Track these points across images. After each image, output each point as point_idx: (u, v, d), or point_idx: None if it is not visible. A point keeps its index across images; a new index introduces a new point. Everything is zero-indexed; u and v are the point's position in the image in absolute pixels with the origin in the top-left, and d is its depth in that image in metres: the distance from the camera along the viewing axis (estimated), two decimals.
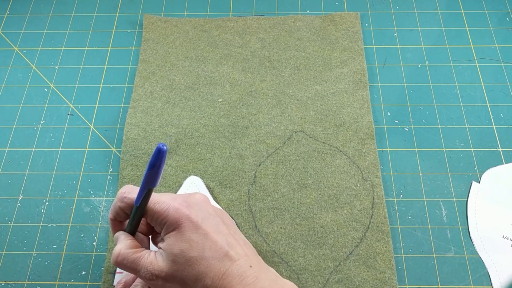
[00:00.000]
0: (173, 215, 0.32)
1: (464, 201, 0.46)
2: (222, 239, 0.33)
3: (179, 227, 0.32)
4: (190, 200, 0.34)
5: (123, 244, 0.34)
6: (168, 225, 0.33)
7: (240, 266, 0.31)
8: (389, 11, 0.59)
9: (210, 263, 0.31)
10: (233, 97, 0.52)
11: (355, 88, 0.52)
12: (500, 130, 0.50)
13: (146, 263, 0.32)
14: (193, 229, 0.32)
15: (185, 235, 0.32)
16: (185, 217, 0.32)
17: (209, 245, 0.32)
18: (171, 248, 0.32)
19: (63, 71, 0.55)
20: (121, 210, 0.35)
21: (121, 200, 0.35)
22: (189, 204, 0.33)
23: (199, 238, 0.32)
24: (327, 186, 0.46)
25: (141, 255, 0.33)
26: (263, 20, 0.58)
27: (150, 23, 0.57)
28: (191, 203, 0.34)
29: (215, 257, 0.32)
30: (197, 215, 0.33)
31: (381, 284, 0.41)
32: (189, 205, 0.33)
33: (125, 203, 0.34)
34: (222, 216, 0.35)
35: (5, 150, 0.50)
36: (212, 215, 0.34)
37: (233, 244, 0.33)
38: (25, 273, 0.43)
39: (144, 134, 0.49)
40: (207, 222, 0.33)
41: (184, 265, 0.32)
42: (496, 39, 0.56)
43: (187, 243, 0.32)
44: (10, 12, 0.60)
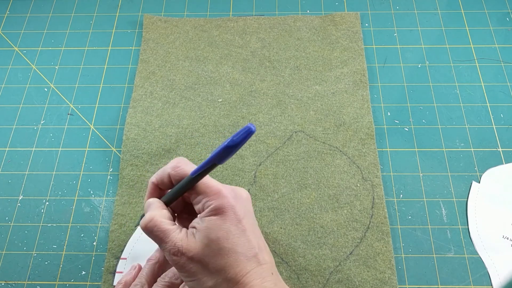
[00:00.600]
0: (221, 200, 0.32)
1: (464, 201, 0.46)
2: (255, 240, 0.33)
3: (223, 214, 0.32)
4: (237, 192, 0.34)
5: (158, 211, 0.33)
6: (212, 208, 0.32)
7: (264, 270, 0.32)
8: (389, 11, 0.59)
9: (239, 259, 0.32)
10: (233, 97, 0.52)
11: (355, 88, 0.52)
12: (500, 130, 0.50)
13: (177, 237, 0.32)
14: (235, 221, 0.32)
15: (226, 224, 0.32)
16: (231, 208, 0.32)
17: (243, 242, 0.32)
18: (209, 231, 0.32)
19: (63, 71, 0.55)
20: (169, 177, 0.34)
21: (173, 168, 0.34)
22: (236, 195, 0.33)
23: (237, 232, 0.32)
24: (327, 186, 0.46)
25: (173, 229, 0.32)
26: (263, 20, 0.58)
27: (150, 23, 0.57)
28: (238, 196, 0.34)
29: (245, 254, 0.32)
30: (240, 209, 0.33)
31: (381, 284, 0.41)
32: (236, 196, 0.33)
33: (176, 172, 0.34)
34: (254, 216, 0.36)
35: (5, 150, 0.50)
36: (251, 215, 0.34)
37: (262, 249, 0.33)
38: (25, 273, 0.43)
39: (144, 134, 0.49)
40: (247, 219, 0.33)
41: (215, 252, 0.32)
42: (496, 39, 0.56)
43: (225, 233, 0.32)
44: (10, 12, 0.60)
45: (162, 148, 0.48)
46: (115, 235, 0.43)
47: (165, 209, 0.34)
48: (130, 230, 0.44)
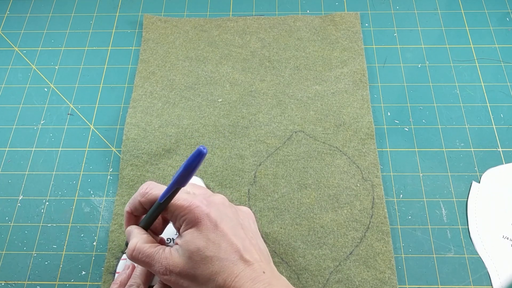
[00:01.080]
0: (193, 212, 0.33)
1: (464, 201, 0.46)
2: (238, 242, 0.33)
3: (198, 225, 0.33)
4: (209, 199, 0.34)
5: (139, 238, 0.34)
6: (188, 221, 0.33)
7: (253, 271, 0.32)
8: (389, 11, 0.59)
9: (224, 264, 0.32)
10: (233, 97, 0.52)
11: (355, 88, 0.52)
12: (500, 130, 0.50)
13: (161, 258, 0.33)
14: (211, 228, 0.32)
15: (203, 233, 0.32)
16: (205, 216, 0.33)
17: (225, 247, 0.32)
18: (188, 244, 0.32)
19: (63, 71, 0.55)
20: (140, 205, 0.35)
21: (142, 195, 0.35)
22: (209, 202, 0.34)
23: (216, 238, 0.32)
24: (327, 186, 0.46)
25: (156, 250, 0.33)
26: (263, 20, 0.58)
27: (150, 23, 0.57)
28: (211, 202, 0.34)
29: (229, 259, 0.32)
30: (215, 215, 0.33)
31: (381, 284, 0.41)
32: (209, 203, 0.34)
33: (146, 198, 0.35)
34: (242, 218, 0.36)
35: (5, 150, 0.50)
36: (230, 217, 0.34)
37: (249, 248, 0.33)
38: (25, 273, 0.43)
39: (144, 134, 0.49)
40: (225, 223, 0.33)
41: (199, 263, 0.32)
42: (496, 39, 0.56)
43: (204, 242, 0.32)
44: (10, 12, 0.60)
45: (162, 148, 0.48)
46: (115, 235, 0.43)
47: (145, 233, 0.35)
48: None
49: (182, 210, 0.33)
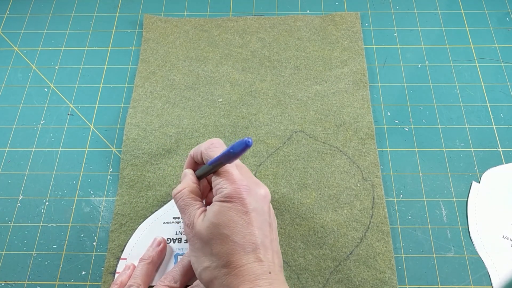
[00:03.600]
0: (231, 190, 0.34)
1: (464, 201, 0.46)
2: (260, 236, 0.33)
3: (230, 203, 0.33)
4: (253, 189, 0.35)
5: (189, 184, 0.37)
6: (223, 194, 0.34)
7: (260, 268, 0.32)
8: (389, 11, 0.59)
9: (235, 249, 0.32)
10: (233, 97, 0.52)
11: (355, 88, 0.52)
12: (500, 130, 0.50)
13: (192, 212, 0.35)
14: (240, 212, 0.33)
15: (230, 211, 0.33)
16: (239, 199, 0.33)
17: (244, 234, 0.33)
18: (213, 215, 0.33)
19: (63, 71, 0.55)
20: (201, 155, 0.37)
21: (205, 149, 0.37)
22: (250, 190, 0.34)
23: (240, 223, 0.33)
24: (327, 186, 0.46)
25: (194, 203, 0.36)
26: (263, 20, 0.58)
27: (150, 23, 0.57)
28: (253, 191, 0.34)
29: (244, 247, 0.32)
30: (250, 203, 0.34)
31: (381, 284, 0.41)
32: (250, 191, 0.34)
33: (207, 152, 0.36)
34: (272, 219, 0.36)
35: (5, 150, 0.50)
36: (263, 212, 0.35)
37: (267, 247, 0.33)
38: (25, 273, 0.43)
39: (144, 134, 0.49)
40: (255, 214, 0.34)
41: (215, 236, 0.33)
42: (496, 39, 0.56)
43: (227, 220, 0.33)
44: (10, 12, 0.60)
45: (162, 148, 0.48)
46: (115, 235, 0.43)
47: (196, 183, 0.37)
48: (131, 230, 0.44)
49: (225, 182, 0.34)
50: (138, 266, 0.39)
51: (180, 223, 0.44)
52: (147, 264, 0.39)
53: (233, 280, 0.32)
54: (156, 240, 0.42)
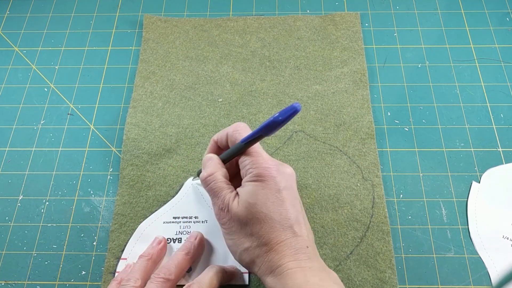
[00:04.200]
0: (263, 169, 0.34)
1: (464, 201, 0.46)
2: (294, 212, 0.34)
3: (263, 182, 0.34)
4: (281, 168, 0.36)
5: (219, 168, 0.37)
6: (254, 175, 0.34)
7: (298, 242, 0.33)
8: (389, 11, 0.59)
9: (274, 226, 0.33)
10: (233, 97, 0.52)
11: (355, 88, 0.52)
12: (500, 130, 0.50)
13: (227, 197, 0.35)
14: (273, 190, 0.34)
15: (264, 190, 0.34)
16: (271, 177, 0.34)
17: (280, 211, 0.34)
18: (248, 196, 0.34)
19: (63, 71, 0.55)
20: (226, 138, 0.37)
21: (232, 131, 0.37)
22: (279, 170, 0.35)
23: (275, 201, 0.34)
24: (327, 186, 0.46)
25: (226, 187, 0.36)
26: (263, 20, 0.58)
27: (150, 23, 0.57)
28: (281, 171, 0.35)
29: (281, 223, 0.33)
30: (281, 181, 0.34)
31: (381, 284, 0.41)
32: (278, 170, 0.35)
33: (233, 135, 0.37)
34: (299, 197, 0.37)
35: (5, 150, 0.49)
36: (293, 189, 0.36)
37: (300, 222, 0.34)
38: (25, 273, 0.43)
39: (144, 134, 0.49)
40: (287, 192, 0.35)
41: (252, 216, 0.34)
42: (496, 39, 0.56)
43: (263, 199, 0.34)
44: (10, 12, 0.60)
45: (163, 148, 0.48)
46: (115, 235, 0.43)
47: (223, 167, 0.38)
48: (131, 230, 0.44)
49: (257, 161, 0.35)
50: (137, 262, 0.39)
51: (180, 223, 0.44)
52: (147, 260, 0.39)
53: (274, 255, 0.33)
54: (156, 239, 0.42)
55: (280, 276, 0.32)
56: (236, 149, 0.36)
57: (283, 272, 0.32)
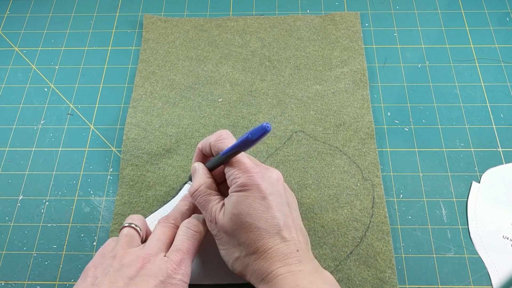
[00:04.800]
0: (247, 178, 0.34)
1: (464, 201, 0.46)
2: (281, 217, 0.34)
3: (247, 191, 0.34)
4: (265, 174, 0.36)
5: (204, 180, 0.37)
6: (238, 184, 0.34)
7: (287, 247, 0.33)
8: (389, 11, 0.59)
9: (260, 234, 0.33)
10: (233, 97, 0.52)
11: (355, 88, 0.52)
12: (500, 130, 0.50)
13: (213, 208, 0.36)
14: (258, 198, 0.34)
15: (248, 199, 0.34)
16: (255, 186, 0.34)
17: (266, 219, 0.34)
18: (232, 206, 0.34)
19: (63, 71, 0.55)
20: (210, 147, 0.38)
21: (214, 141, 0.37)
22: (263, 176, 0.35)
23: (260, 208, 0.34)
24: (327, 186, 0.46)
25: (214, 199, 0.36)
26: (263, 20, 0.58)
27: (150, 23, 0.57)
28: (266, 176, 0.35)
29: (268, 230, 0.33)
30: (266, 188, 0.34)
31: (381, 284, 0.41)
32: (263, 176, 0.35)
33: (216, 144, 0.37)
34: (289, 199, 0.37)
35: (5, 150, 0.50)
36: (280, 194, 0.36)
37: (289, 226, 0.34)
38: (25, 273, 0.43)
39: (144, 134, 0.49)
40: (273, 197, 0.35)
41: (239, 226, 0.34)
42: (496, 39, 0.56)
43: (247, 208, 0.34)
44: (10, 12, 0.60)
45: (163, 148, 0.48)
46: (115, 235, 0.43)
47: (210, 177, 0.38)
48: None
49: (240, 171, 0.35)
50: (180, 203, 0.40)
51: None
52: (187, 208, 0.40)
53: (263, 263, 0.33)
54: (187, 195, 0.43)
55: (272, 283, 0.32)
56: (219, 160, 0.36)
57: (273, 279, 0.32)
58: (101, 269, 0.33)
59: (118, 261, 0.33)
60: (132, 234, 0.36)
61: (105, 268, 0.33)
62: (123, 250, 0.34)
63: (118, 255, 0.34)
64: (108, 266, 0.33)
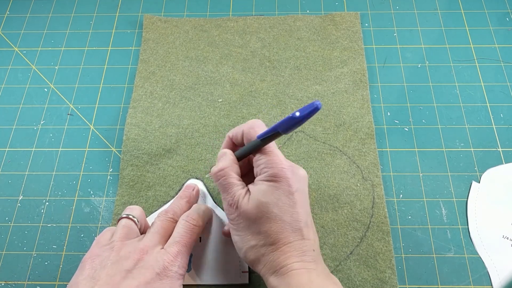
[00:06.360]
0: (278, 169, 0.34)
1: (464, 201, 0.46)
2: (304, 215, 0.34)
3: (277, 182, 0.34)
4: (295, 170, 0.35)
5: (231, 164, 0.36)
6: (269, 174, 0.34)
7: (305, 245, 0.34)
8: (389, 11, 0.59)
9: (284, 227, 0.33)
10: (233, 97, 0.52)
11: (355, 88, 0.52)
12: (500, 130, 0.50)
13: (237, 192, 0.35)
14: (286, 192, 0.34)
15: (278, 191, 0.34)
16: (286, 179, 0.34)
17: (291, 213, 0.34)
18: (260, 195, 0.34)
19: (63, 71, 0.55)
20: (242, 136, 0.37)
21: (247, 129, 0.36)
22: (293, 171, 0.35)
23: (287, 202, 0.34)
24: (327, 186, 0.46)
25: (237, 183, 0.36)
26: (263, 20, 0.58)
27: (150, 23, 0.57)
28: (295, 173, 0.35)
29: (291, 225, 0.34)
30: (294, 183, 0.34)
31: (381, 284, 0.41)
32: (293, 171, 0.35)
33: (249, 133, 0.36)
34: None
35: (5, 150, 0.50)
36: (305, 193, 0.36)
37: (309, 226, 0.35)
38: (25, 273, 0.43)
39: (144, 134, 0.49)
40: (300, 195, 0.35)
41: (263, 215, 0.33)
42: (496, 39, 0.56)
43: (276, 199, 0.34)
44: (10, 12, 0.60)
45: (163, 148, 0.48)
46: None
47: (236, 164, 0.37)
48: None
49: (272, 161, 0.34)
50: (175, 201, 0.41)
51: None
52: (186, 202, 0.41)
53: (280, 255, 0.33)
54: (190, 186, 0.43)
55: (285, 275, 0.32)
56: (252, 146, 0.35)
57: (287, 272, 0.32)
58: (98, 261, 0.34)
59: (116, 253, 0.34)
60: (129, 225, 0.37)
61: (102, 260, 0.34)
62: (121, 242, 0.35)
63: (116, 247, 0.34)
64: (105, 258, 0.34)
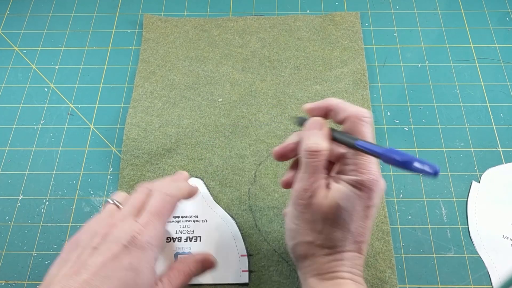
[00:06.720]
0: (367, 179, 0.31)
1: (464, 201, 0.46)
2: (368, 233, 0.33)
3: (360, 191, 0.31)
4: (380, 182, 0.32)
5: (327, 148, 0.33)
6: (357, 179, 0.31)
7: (359, 259, 0.32)
8: (389, 11, 0.59)
9: (347, 237, 0.32)
10: (233, 97, 0.52)
11: (355, 88, 0.52)
12: (500, 130, 0.50)
13: (320, 182, 0.32)
14: (365, 204, 0.31)
15: (357, 200, 0.31)
16: (370, 191, 0.31)
17: (360, 226, 0.32)
18: (340, 197, 0.31)
19: (63, 71, 0.55)
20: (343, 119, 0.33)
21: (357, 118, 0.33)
22: (378, 184, 0.32)
23: (361, 214, 0.31)
24: None
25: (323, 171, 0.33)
26: (263, 20, 0.58)
27: (150, 23, 0.57)
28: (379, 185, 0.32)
29: (354, 236, 0.32)
30: (375, 198, 0.32)
31: (381, 283, 0.41)
32: (378, 185, 0.32)
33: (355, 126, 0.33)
34: None
35: (5, 150, 0.50)
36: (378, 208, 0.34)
37: (367, 243, 0.33)
38: (25, 273, 0.43)
39: (144, 134, 0.49)
40: (374, 210, 0.32)
41: (334, 217, 0.31)
42: (496, 39, 0.56)
43: (351, 207, 0.31)
44: (10, 12, 0.60)
45: (163, 148, 0.48)
46: None
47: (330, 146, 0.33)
48: None
49: (364, 167, 0.31)
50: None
51: (179, 222, 0.44)
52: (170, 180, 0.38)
53: (332, 261, 0.31)
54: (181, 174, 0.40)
55: (330, 282, 0.31)
56: (348, 142, 0.32)
57: (334, 279, 0.31)
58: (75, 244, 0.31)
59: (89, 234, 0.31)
60: (111, 210, 0.34)
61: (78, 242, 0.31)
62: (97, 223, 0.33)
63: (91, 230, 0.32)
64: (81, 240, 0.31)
